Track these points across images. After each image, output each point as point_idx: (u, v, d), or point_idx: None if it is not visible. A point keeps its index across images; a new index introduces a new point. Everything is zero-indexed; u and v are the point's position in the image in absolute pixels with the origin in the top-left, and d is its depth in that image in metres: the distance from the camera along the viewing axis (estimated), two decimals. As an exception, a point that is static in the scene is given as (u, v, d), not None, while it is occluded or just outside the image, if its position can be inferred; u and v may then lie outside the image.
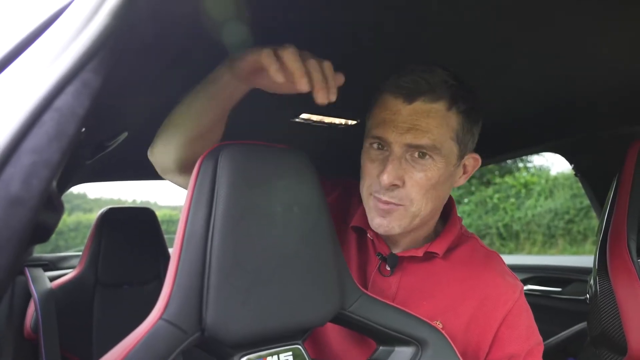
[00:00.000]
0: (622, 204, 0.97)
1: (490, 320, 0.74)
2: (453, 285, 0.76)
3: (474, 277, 0.76)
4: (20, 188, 0.29)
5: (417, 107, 0.68)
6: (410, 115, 0.68)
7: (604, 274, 0.96)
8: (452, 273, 0.76)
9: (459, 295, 0.75)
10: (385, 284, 0.77)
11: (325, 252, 0.54)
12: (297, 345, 0.53)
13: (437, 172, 0.70)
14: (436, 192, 0.71)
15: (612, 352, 0.94)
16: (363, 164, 0.74)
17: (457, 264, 0.77)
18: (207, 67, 0.86)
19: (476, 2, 0.66)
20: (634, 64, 0.87)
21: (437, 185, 0.71)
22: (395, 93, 0.69)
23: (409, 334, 0.60)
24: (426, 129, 0.68)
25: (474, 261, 0.78)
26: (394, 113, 0.69)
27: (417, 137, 0.68)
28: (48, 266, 1.87)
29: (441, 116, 0.69)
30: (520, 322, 0.75)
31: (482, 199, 10.08)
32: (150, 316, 0.45)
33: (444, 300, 0.75)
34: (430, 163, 0.69)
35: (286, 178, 0.53)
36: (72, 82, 0.34)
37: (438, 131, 0.68)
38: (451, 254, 0.78)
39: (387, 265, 0.77)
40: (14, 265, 0.29)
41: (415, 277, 0.76)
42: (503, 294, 0.75)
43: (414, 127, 0.68)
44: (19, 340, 1.49)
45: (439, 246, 0.76)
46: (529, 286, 1.88)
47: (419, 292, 0.75)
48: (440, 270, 0.77)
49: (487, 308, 0.74)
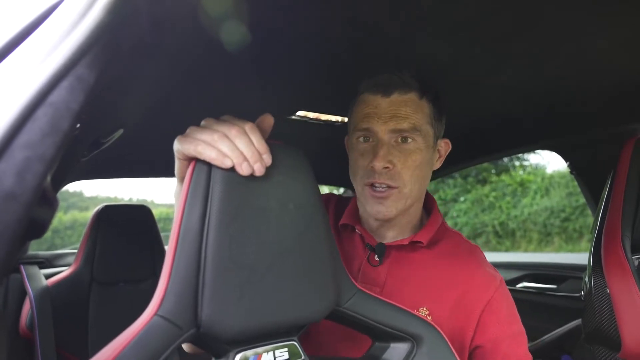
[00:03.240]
0: (617, 201, 0.97)
1: (473, 307, 0.78)
2: (438, 274, 0.81)
3: (458, 268, 0.81)
4: (13, 183, 0.29)
5: (394, 98, 0.79)
6: (390, 106, 0.79)
7: (598, 270, 0.96)
8: (436, 263, 0.82)
9: (443, 284, 0.80)
10: (375, 273, 0.81)
11: (321, 249, 0.54)
12: (292, 342, 0.53)
13: (420, 154, 0.79)
14: (421, 172, 0.80)
15: (606, 348, 0.95)
16: (354, 160, 0.82)
17: (441, 255, 0.83)
18: (203, 64, 0.86)
19: (470, 1, 0.66)
20: (630, 63, 0.87)
21: (421, 166, 0.80)
22: (373, 91, 0.80)
23: (404, 330, 0.60)
24: (405, 115, 0.78)
25: (457, 254, 0.84)
26: (376, 107, 0.79)
27: (399, 123, 0.78)
28: (44, 264, 1.86)
29: (416, 104, 0.80)
30: (501, 308, 0.79)
31: (478, 197, 10.12)
32: (145, 312, 0.45)
33: (430, 287, 0.79)
34: (413, 146, 0.79)
35: (282, 175, 0.53)
36: (66, 77, 0.34)
37: (415, 116, 0.79)
38: (435, 246, 0.84)
39: (375, 255, 0.82)
40: (7, 260, 0.29)
41: (402, 267, 0.81)
42: (485, 283, 0.80)
43: (394, 115, 0.78)
44: (14, 337, 1.49)
45: (423, 236, 0.83)
46: (524, 283, 1.89)
47: (406, 280, 0.80)
48: (425, 260, 0.82)
49: (470, 296, 0.79)
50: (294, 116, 1.20)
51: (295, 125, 1.27)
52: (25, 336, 1.48)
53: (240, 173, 0.48)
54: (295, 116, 1.20)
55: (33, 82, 0.32)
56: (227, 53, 0.76)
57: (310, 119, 1.23)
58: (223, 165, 0.48)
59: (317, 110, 1.18)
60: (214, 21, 0.64)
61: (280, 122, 1.24)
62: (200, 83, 0.95)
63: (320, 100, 1.13)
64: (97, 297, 1.64)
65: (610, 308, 0.91)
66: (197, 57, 0.82)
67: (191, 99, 1.05)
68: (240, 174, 0.49)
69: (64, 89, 0.33)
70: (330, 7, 0.68)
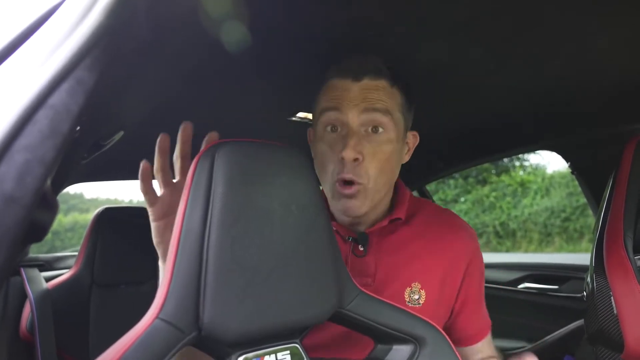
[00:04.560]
0: (619, 201, 0.97)
1: (458, 273, 0.81)
2: (422, 247, 0.80)
3: (438, 237, 0.82)
4: (13, 186, 0.29)
5: (365, 83, 0.74)
6: (360, 91, 0.74)
7: (600, 271, 0.96)
8: (418, 236, 0.81)
9: (429, 255, 0.80)
10: (363, 264, 0.80)
11: (323, 250, 0.54)
12: (294, 344, 0.53)
13: (390, 146, 0.75)
14: (389, 165, 0.77)
15: (609, 349, 0.94)
16: (321, 152, 0.77)
17: (420, 228, 0.82)
18: (203, 65, 0.86)
19: (471, 1, 0.66)
20: (630, 63, 0.87)
21: (391, 158, 0.76)
22: (342, 75, 0.75)
23: (406, 332, 0.59)
24: (377, 99, 0.74)
25: (434, 222, 0.84)
26: (345, 90, 0.74)
27: (371, 103, 0.73)
28: (44, 266, 1.86)
29: (388, 91, 0.75)
30: (477, 267, 0.83)
31: (479, 198, 10.11)
32: (146, 315, 0.45)
33: (418, 262, 0.79)
34: (384, 137, 0.75)
35: (283, 176, 0.53)
36: (66, 79, 0.33)
37: (388, 102, 0.75)
38: (413, 220, 0.83)
39: (359, 245, 0.80)
40: (8, 264, 0.28)
41: (388, 250, 0.80)
42: (464, 247, 0.82)
43: (365, 99, 0.73)
44: (14, 341, 1.49)
45: (400, 212, 0.82)
46: (526, 284, 1.88)
47: (395, 263, 0.79)
48: (408, 237, 0.81)
49: (455, 263, 0.80)
50: (295, 117, 1.20)
51: (296, 127, 1.27)
52: (26, 339, 1.47)
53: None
54: (296, 117, 1.20)
55: (33, 85, 0.32)
56: (227, 54, 0.76)
57: (311, 121, 1.23)
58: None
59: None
60: (214, 22, 0.64)
61: (281, 123, 1.24)
62: (201, 85, 0.95)
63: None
64: (97, 300, 1.63)
65: (613, 308, 0.91)
66: (197, 58, 0.82)
67: (192, 101, 1.05)
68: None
69: (64, 91, 0.33)
70: (331, 7, 0.67)
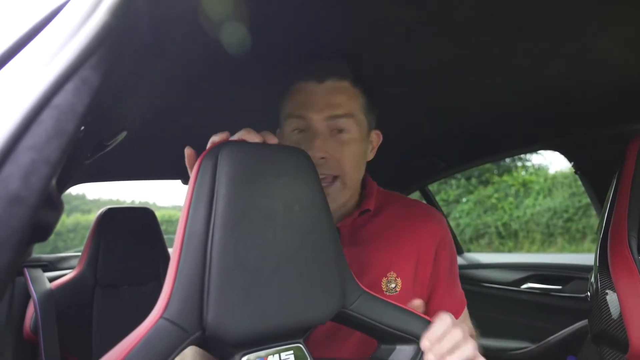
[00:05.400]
0: (623, 201, 0.97)
1: (429, 256, 0.83)
2: (394, 237, 0.82)
3: (408, 225, 0.84)
4: (19, 186, 0.29)
5: (329, 85, 0.77)
6: (324, 93, 0.77)
7: (605, 271, 0.95)
8: (388, 227, 0.83)
9: (401, 244, 0.82)
10: None
11: (326, 251, 0.54)
12: (298, 344, 0.53)
13: (355, 145, 0.78)
14: (358, 163, 0.80)
15: (613, 350, 0.94)
16: None
17: (390, 219, 0.84)
18: (206, 66, 0.86)
19: (471, 1, 0.65)
20: (633, 62, 0.87)
21: (357, 156, 0.80)
22: (306, 78, 0.78)
23: (410, 332, 0.59)
24: (340, 102, 0.77)
25: (403, 212, 0.86)
26: (309, 93, 0.77)
27: (334, 109, 0.76)
28: (47, 267, 1.86)
29: (350, 92, 0.78)
30: (445, 248, 0.84)
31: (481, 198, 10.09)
32: (150, 315, 0.45)
33: (391, 252, 0.81)
34: (348, 137, 0.77)
35: (286, 176, 0.53)
36: (71, 79, 0.33)
37: (350, 104, 0.78)
38: (382, 212, 0.85)
39: None
40: (14, 264, 0.28)
41: (360, 244, 0.81)
42: (432, 230, 0.84)
43: (329, 103, 0.76)
44: (18, 341, 1.49)
45: (369, 203, 0.83)
46: (529, 284, 1.87)
47: (368, 255, 0.80)
48: (377, 228, 0.83)
49: (424, 247, 0.82)
50: (297, 118, 1.20)
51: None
52: (30, 339, 1.48)
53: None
54: (298, 118, 1.20)
55: (38, 85, 0.32)
56: (230, 55, 0.76)
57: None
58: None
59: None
60: (217, 24, 0.64)
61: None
62: (204, 85, 0.95)
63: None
64: (100, 300, 1.64)
65: (618, 309, 0.91)
66: (200, 59, 0.82)
67: (194, 102, 1.05)
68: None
69: (69, 91, 0.33)
70: (333, 7, 0.67)
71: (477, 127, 1.37)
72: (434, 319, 0.61)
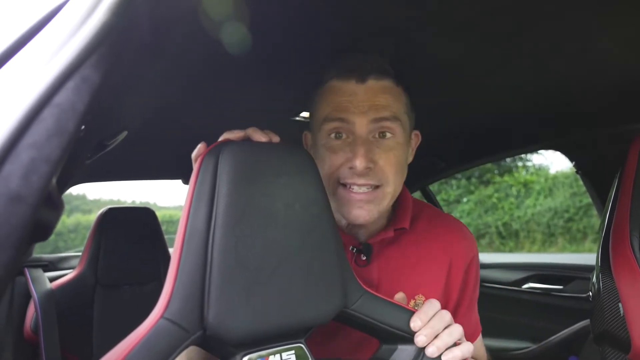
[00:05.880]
0: (625, 201, 0.96)
1: (457, 277, 0.80)
2: (425, 255, 0.78)
3: (439, 242, 0.80)
4: (19, 184, 0.29)
5: (371, 85, 0.70)
6: (367, 93, 0.70)
7: (606, 271, 0.95)
8: (420, 244, 0.79)
9: (431, 263, 0.78)
10: (366, 274, 0.76)
11: (328, 250, 0.54)
12: (299, 344, 0.53)
13: (400, 150, 0.72)
14: (401, 169, 0.74)
15: (615, 350, 0.93)
16: (322, 157, 0.73)
17: (422, 234, 0.80)
18: (207, 66, 0.86)
19: (471, 1, 0.65)
20: (634, 62, 0.87)
21: (401, 161, 0.74)
22: (345, 77, 0.70)
23: (412, 332, 0.59)
24: (385, 103, 0.70)
25: (436, 228, 0.81)
26: (350, 95, 0.70)
27: (379, 112, 0.69)
28: (48, 267, 1.87)
29: (394, 92, 0.72)
30: (472, 272, 0.81)
31: (482, 198, 10.08)
32: (151, 315, 0.45)
33: (421, 272, 0.77)
34: (393, 141, 0.71)
35: (287, 175, 0.52)
36: (72, 77, 0.33)
37: (395, 105, 0.71)
38: (415, 226, 0.80)
39: (362, 255, 0.76)
40: (14, 263, 0.28)
41: (391, 259, 0.77)
42: (464, 251, 0.80)
43: (373, 104, 0.69)
44: (19, 341, 1.49)
45: (404, 220, 0.78)
46: (530, 284, 1.87)
47: (398, 273, 0.77)
48: (410, 246, 0.79)
49: (454, 267, 0.79)
50: (298, 117, 1.20)
51: (300, 127, 1.27)
52: (30, 339, 1.48)
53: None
54: (299, 117, 1.20)
55: (39, 83, 0.32)
56: (230, 55, 0.76)
57: (313, 121, 1.22)
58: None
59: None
60: (217, 23, 0.64)
61: (285, 123, 1.24)
62: (204, 85, 0.95)
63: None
64: (101, 300, 1.64)
65: (620, 309, 0.90)
66: (201, 59, 0.82)
67: (195, 101, 1.05)
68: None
69: (70, 89, 0.33)
70: (334, 7, 0.67)
71: (477, 127, 1.37)
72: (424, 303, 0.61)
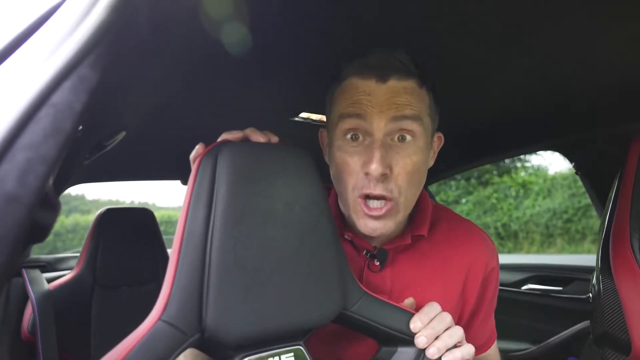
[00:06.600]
0: (625, 202, 0.96)
1: (475, 285, 0.76)
2: (442, 263, 0.75)
3: (457, 251, 0.76)
4: (15, 185, 0.28)
5: (392, 85, 0.65)
6: (387, 94, 0.65)
7: (607, 272, 0.95)
8: (437, 253, 0.75)
9: (448, 271, 0.75)
10: (379, 280, 0.73)
11: (327, 251, 0.54)
12: (298, 346, 0.53)
13: (419, 155, 0.67)
14: (419, 175, 0.69)
15: (615, 351, 0.93)
16: (341, 162, 0.68)
17: (440, 242, 0.76)
18: (206, 66, 0.85)
19: (472, 1, 0.65)
20: (634, 62, 0.87)
21: (420, 168, 0.68)
22: (365, 75, 0.65)
23: (412, 334, 0.59)
24: (407, 102, 0.65)
25: (453, 234, 0.77)
26: (369, 94, 0.65)
27: (400, 109, 0.64)
28: (46, 267, 1.86)
29: (417, 93, 0.67)
30: (492, 281, 0.78)
31: (480, 199, 10.10)
32: (149, 317, 0.44)
33: (436, 280, 0.74)
34: (412, 146, 0.67)
35: (286, 176, 0.52)
36: (69, 77, 0.33)
37: (417, 106, 0.66)
38: (433, 232, 0.77)
39: (375, 260, 0.74)
40: (10, 263, 0.28)
41: (405, 267, 0.74)
42: (483, 260, 0.77)
43: (393, 104, 0.64)
44: (16, 342, 1.48)
45: (422, 227, 0.74)
46: (529, 285, 1.87)
47: (412, 280, 0.74)
48: (426, 253, 0.75)
49: (472, 276, 0.76)
50: (297, 118, 1.20)
51: (299, 127, 1.26)
52: (28, 340, 1.47)
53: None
54: (298, 118, 1.20)
55: (35, 83, 0.32)
56: (229, 55, 0.76)
57: (313, 121, 1.22)
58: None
59: (321, 112, 1.18)
60: (216, 22, 0.64)
61: (284, 123, 1.24)
62: (203, 85, 0.95)
63: (323, 102, 1.12)
64: (99, 301, 1.63)
65: (620, 310, 0.90)
66: (200, 59, 0.81)
67: (194, 101, 1.05)
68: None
69: (67, 89, 0.32)
70: (333, 6, 0.67)
71: (477, 127, 1.37)
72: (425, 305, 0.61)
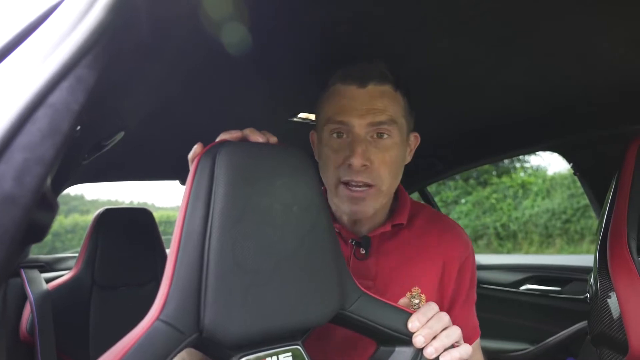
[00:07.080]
0: (622, 202, 0.96)
1: (451, 275, 0.83)
2: (422, 251, 0.83)
3: (435, 241, 0.84)
4: (12, 186, 0.28)
5: (371, 89, 0.76)
6: (366, 98, 0.75)
7: (604, 273, 0.95)
8: (418, 240, 0.84)
9: (428, 258, 0.82)
10: (364, 267, 0.81)
11: (325, 251, 0.54)
12: (296, 346, 0.53)
13: (396, 150, 0.77)
14: (397, 167, 0.79)
15: (612, 351, 0.94)
16: (325, 156, 0.79)
17: (420, 232, 0.85)
18: (204, 66, 0.85)
19: (471, 1, 0.65)
20: (633, 63, 0.87)
21: (397, 161, 0.79)
22: (347, 82, 0.76)
23: (409, 334, 0.59)
24: (383, 107, 0.75)
25: (431, 226, 0.86)
26: (351, 98, 0.76)
27: (377, 116, 0.75)
28: (44, 268, 1.85)
29: (392, 96, 0.77)
30: (466, 274, 0.85)
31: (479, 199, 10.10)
32: (147, 317, 0.44)
33: (418, 266, 0.81)
34: (390, 142, 0.77)
35: (285, 176, 0.52)
36: (67, 77, 0.33)
37: (392, 108, 0.76)
38: (413, 223, 0.86)
39: (361, 249, 0.82)
40: (6, 264, 0.28)
41: (388, 254, 0.82)
42: (458, 251, 0.84)
43: (372, 108, 0.75)
44: (14, 342, 1.48)
45: (401, 216, 0.84)
46: (527, 286, 1.87)
47: (395, 267, 0.81)
48: (408, 240, 0.84)
49: (448, 266, 0.83)
50: (296, 118, 1.20)
51: (297, 127, 1.26)
52: (26, 341, 1.47)
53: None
54: (297, 118, 1.20)
55: (33, 83, 0.32)
56: (228, 55, 0.76)
57: (312, 121, 1.22)
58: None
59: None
60: (216, 23, 0.64)
61: (283, 124, 1.24)
62: (202, 85, 0.95)
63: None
64: (98, 301, 1.63)
65: (617, 310, 0.90)
66: (198, 59, 0.81)
67: (192, 102, 1.04)
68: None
69: (64, 89, 0.33)
70: (332, 8, 0.67)
71: (476, 127, 1.37)
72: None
